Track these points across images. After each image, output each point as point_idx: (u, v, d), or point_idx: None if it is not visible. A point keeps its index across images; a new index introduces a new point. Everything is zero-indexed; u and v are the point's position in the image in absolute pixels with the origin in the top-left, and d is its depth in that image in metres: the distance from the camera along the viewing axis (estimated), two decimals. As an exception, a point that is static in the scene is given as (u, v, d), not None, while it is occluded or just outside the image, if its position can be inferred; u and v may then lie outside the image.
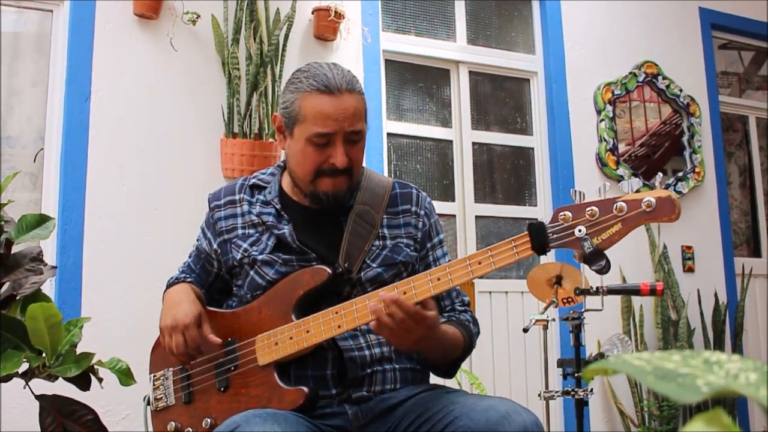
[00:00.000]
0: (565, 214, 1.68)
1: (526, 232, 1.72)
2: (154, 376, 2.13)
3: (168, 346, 1.95)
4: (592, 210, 1.66)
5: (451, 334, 1.92)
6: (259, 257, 1.97)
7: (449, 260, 2.03)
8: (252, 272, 1.99)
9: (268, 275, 1.96)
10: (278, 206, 2.02)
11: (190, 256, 2.21)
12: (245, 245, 2.01)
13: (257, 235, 2.01)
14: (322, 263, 1.93)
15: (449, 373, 2.05)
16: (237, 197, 2.09)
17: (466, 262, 1.77)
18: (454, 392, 1.88)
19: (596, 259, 1.65)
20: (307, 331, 1.86)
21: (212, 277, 2.15)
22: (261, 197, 2.06)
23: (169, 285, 2.20)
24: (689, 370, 0.54)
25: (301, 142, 1.93)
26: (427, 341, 1.80)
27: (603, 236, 1.65)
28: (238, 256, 2.01)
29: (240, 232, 2.04)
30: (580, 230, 1.66)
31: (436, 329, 1.81)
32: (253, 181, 2.11)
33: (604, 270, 1.66)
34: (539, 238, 1.70)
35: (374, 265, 1.96)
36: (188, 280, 2.16)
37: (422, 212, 2.08)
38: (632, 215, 1.63)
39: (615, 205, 1.64)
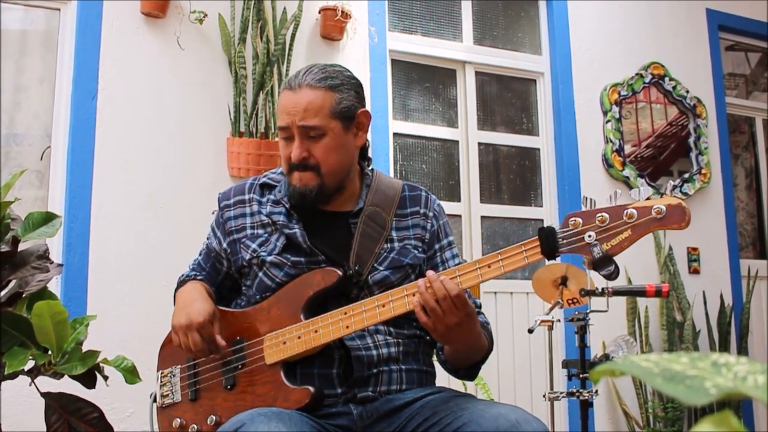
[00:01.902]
0: (575, 220, 1.69)
1: (537, 237, 1.73)
2: (161, 373, 2.14)
3: (184, 345, 1.96)
4: (602, 216, 1.66)
5: (480, 331, 1.90)
6: (268, 258, 1.97)
7: (459, 262, 2.03)
8: (261, 273, 1.99)
9: (278, 277, 1.96)
10: (288, 206, 2.02)
11: (200, 254, 2.21)
12: (254, 245, 2.01)
13: (266, 235, 2.01)
14: (332, 266, 1.93)
15: (470, 375, 2.03)
16: (246, 197, 2.09)
17: (475, 265, 1.77)
18: (462, 396, 1.87)
19: (605, 264, 1.66)
20: (316, 331, 1.87)
21: (222, 275, 2.15)
22: (271, 196, 2.06)
23: (180, 283, 2.20)
24: (697, 373, 0.54)
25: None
26: (463, 329, 1.78)
27: (613, 242, 1.65)
28: (247, 257, 2.01)
29: (249, 232, 2.04)
30: (590, 236, 1.67)
31: (473, 319, 1.80)
32: (264, 180, 2.11)
33: (613, 276, 1.66)
34: (549, 243, 1.71)
35: (381, 268, 1.96)
36: (198, 278, 2.16)
37: (431, 214, 2.08)
38: (642, 222, 1.63)
39: (625, 212, 1.65)
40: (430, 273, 1.77)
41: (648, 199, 1.66)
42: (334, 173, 1.98)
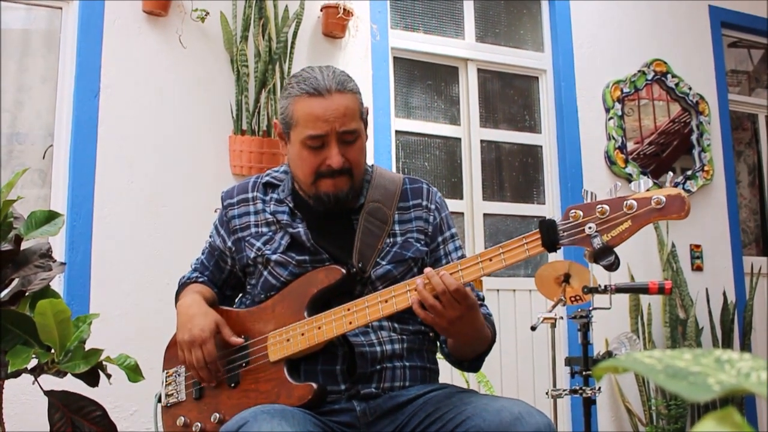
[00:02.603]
0: (575, 212, 1.69)
1: (537, 230, 1.73)
2: (166, 373, 2.14)
3: (188, 362, 1.96)
4: (602, 208, 1.66)
5: (483, 322, 1.91)
6: (273, 257, 1.98)
7: (462, 254, 2.04)
8: (265, 272, 1.99)
9: (282, 276, 1.97)
10: (291, 204, 2.03)
11: (203, 253, 2.21)
12: (258, 244, 2.01)
13: (270, 233, 2.02)
14: (336, 264, 1.94)
15: (474, 366, 2.03)
16: (250, 195, 2.09)
17: (477, 259, 1.77)
18: (465, 392, 1.87)
19: (606, 255, 1.66)
20: (319, 328, 1.87)
21: (226, 274, 2.16)
22: (275, 195, 2.07)
23: (181, 284, 2.21)
24: (700, 369, 0.54)
25: (297, 146, 1.95)
26: (465, 322, 1.78)
27: (613, 233, 1.65)
28: (252, 255, 2.01)
29: (253, 230, 2.05)
30: (590, 227, 1.67)
31: (475, 310, 1.80)
32: (267, 179, 2.11)
33: (613, 267, 1.66)
34: (550, 235, 1.71)
35: (384, 262, 1.96)
36: (200, 279, 2.17)
37: (433, 206, 2.08)
38: (642, 212, 1.64)
39: (625, 203, 1.65)
40: (427, 270, 1.77)
41: (648, 190, 1.66)
42: (360, 174, 2.02)
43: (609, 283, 3.22)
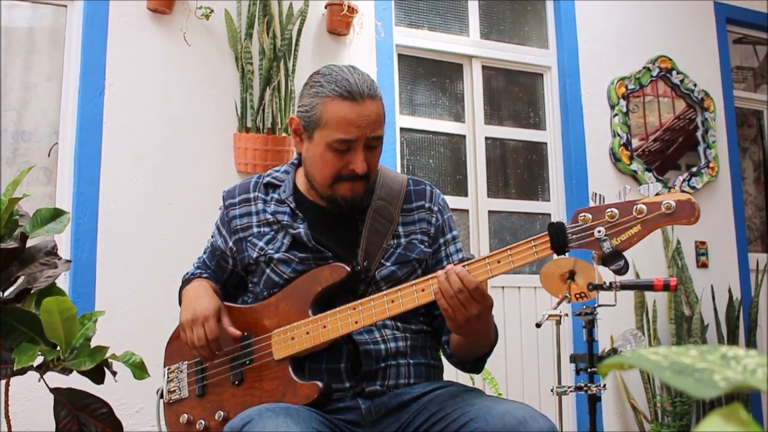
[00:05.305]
0: (584, 216, 1.69)
1: (546, 232, 1.73)
2: (168, 369, 2.14)
3: (189, 341, 1.95)
4: (611, 212, 1.67)
5: (492, 324, 1.91)
6: (276, 256, 1.97)
7: (463, 257, 2.04)
8: (268, 270, 1.99)
9: (285, 273, 1.97)
10: (293, 205, 2.02)
11: (204, 252, 2.21)
12: (261, 244, 2.01)
13: (272, 233, 2.01)
14: (339, 262, 1.93)
15: (477, 368, 2.04)
16: (251, 195, 2.09)
17: (485, 260, 1.77)
18: (470, 392, 1.87)
19: (615, 259, 1.66)
20: (324, 327, 1.87)
21: (227, 273, 2.16)
22: (275, 195, 2.06)
23: (185, 281, 2.20)
24: (706, 365, 0.54)
25: (321, 147, 1.92)
26: (480, 321, 1.78)
27: (622, 237, 1.66)
28: (255, 255, 2.01)
29: (255, 230, 2.04)
30: (599, 231, 1.67)
31: (489, 312, 1.81)
32: (268, 179, 2.10)
33: (622, 271, 1.66)
34: (559, 238, 1.71)
35: (388, 264, 1.96)
36: (204, 276, 2.17)
37: (436, 208, 2.08)
38: (652, 217, 1.64)
39: (635, 207, 1.65)
40: (449, 267, 1.76)
41: (657, 194, 1.66)
42: (374, 177, 2.03)
43: (614, 280, 3.22)
